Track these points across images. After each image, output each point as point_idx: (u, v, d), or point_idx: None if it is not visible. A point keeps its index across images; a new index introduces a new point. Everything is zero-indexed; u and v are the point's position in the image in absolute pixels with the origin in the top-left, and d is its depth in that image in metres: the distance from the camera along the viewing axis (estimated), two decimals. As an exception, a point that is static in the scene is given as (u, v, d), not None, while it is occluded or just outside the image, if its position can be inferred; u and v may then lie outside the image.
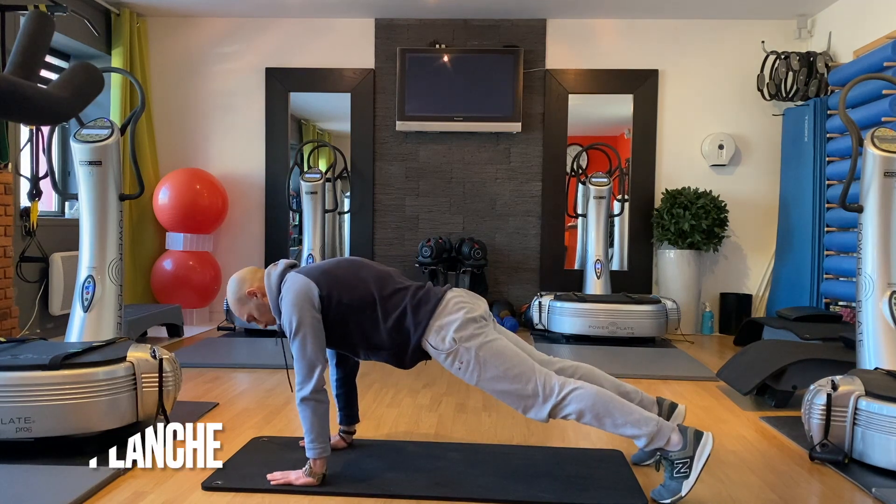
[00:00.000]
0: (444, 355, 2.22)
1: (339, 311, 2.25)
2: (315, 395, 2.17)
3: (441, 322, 2.22)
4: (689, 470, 2.09)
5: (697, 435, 2.11)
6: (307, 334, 2.20)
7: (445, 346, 2.21)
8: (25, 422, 2.37)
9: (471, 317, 2.24)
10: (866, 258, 2.92)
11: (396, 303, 2.27)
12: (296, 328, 2.20)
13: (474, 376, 2.21)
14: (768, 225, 5.72)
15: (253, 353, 4.46)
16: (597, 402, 2.15)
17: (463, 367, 2.21)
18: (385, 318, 2.26)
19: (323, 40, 5.92)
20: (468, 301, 2.31)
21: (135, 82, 3.19)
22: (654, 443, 2.12)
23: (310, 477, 2.20)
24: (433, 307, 2.25)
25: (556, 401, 2.16)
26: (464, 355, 2.20)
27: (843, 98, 3.06)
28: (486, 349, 2.20)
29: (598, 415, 2.14)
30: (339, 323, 2.27)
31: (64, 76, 2.61)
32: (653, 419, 2.15)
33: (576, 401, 2.15)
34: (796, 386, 3.21)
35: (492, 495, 2.18)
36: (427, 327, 2.23)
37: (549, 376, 2.20)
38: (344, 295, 2.25)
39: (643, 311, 4.87)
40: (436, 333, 2.22)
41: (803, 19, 5.59)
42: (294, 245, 6.11)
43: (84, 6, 5.31)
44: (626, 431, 2.14)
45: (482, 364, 2.19)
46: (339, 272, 2.31)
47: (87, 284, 3.01)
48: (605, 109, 6.13)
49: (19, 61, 2.56)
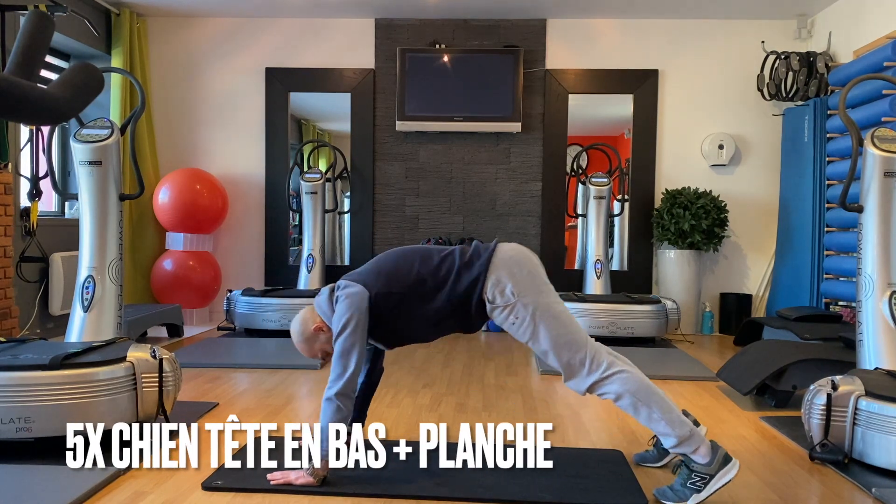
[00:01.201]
0: (499, 309, 2.21)
1: (397, 302, 2.24)
2: (340, 397, 2.16)
3: (498, 275, 2.20)
4: (703, 486, 2.08)
5: (727, 458, 2.11)
6: (352, 338, 2.19)
7: (503, 299, 2.19)
8: (25, 422, 2.37)
9: (531, 270, 2.23)
10: (866, 258, 2.92)
11: (448, 269, 2.25)
12: (341, 328, 2.20)
13: (527, 334, 2.20)
14: (768, 225, 5.72)
15: (253, 353, 4.46)
16: (640, 389, 2.15)
17: (517, 324, 2.20)
18: (441, 287, 2.24)
19: (323, 40, 5.92)
20: (526, 255, 2.29)
21: (135, 82, 3.19)
22: (681, 447, 2.12)
23: (311, 477, 2.20)
24: (486, 259, 2.23)
25: (599, 376, 2.16)
26: (520, 311, 2.19)
27: (843, 98, 3.06)
28: (544, 309, 2.19)
29: (637, 402, 2.14)
30: (400, 314, 2.26)
31: (64, 76, 2.61)
32: (687, 423, 2.14)
33: (619, 382, 2.15)
34: (796, 386, 3.21)
35: (492, 495, 2.18)
36: (485, 280, 2.21)
37: (600, 352, 2.20)
38: (395, 286, 2.24)
39: (643, 311, 4.87)
40: (493, 286, 2.20)
41: (803, 19, 5.59)
42: (294, 245, 6.11)
43: (84, 6, 5.31)
44: (659, 427, 2.14)
45: (537, 324, 2.18)
46: (383, 267, 2.30)
47: (87, 284, 3.00)
48: (605, 109, 6.14)
49: (19, 61, 2.56)
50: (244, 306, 5.08)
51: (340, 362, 2.19)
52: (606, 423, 3.05)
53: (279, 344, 4.71)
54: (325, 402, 2.18)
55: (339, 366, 2.19)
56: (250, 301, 5.07)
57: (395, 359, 4.40)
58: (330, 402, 2.17)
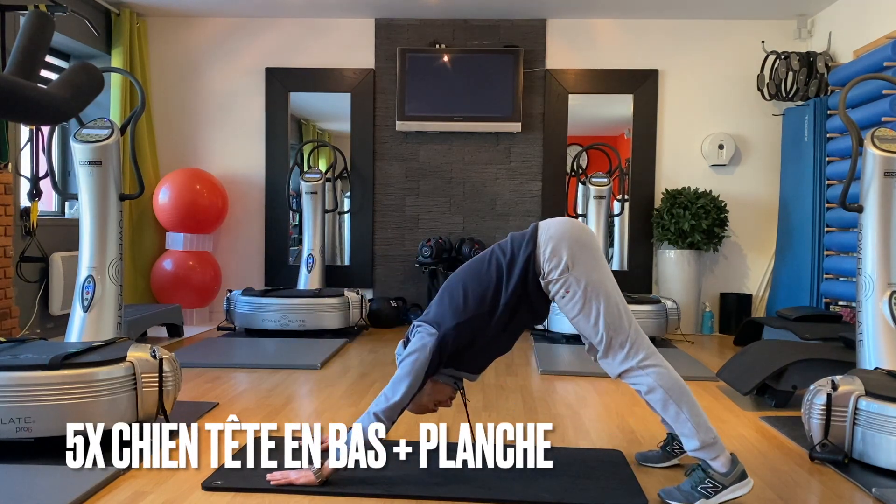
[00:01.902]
0: (553, 283, 2.20)
1: (468, 329, 2.24)
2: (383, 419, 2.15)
3: (553, 247, 2.19)
4: (714, 493, 2.09)
5: (743, 474, 2.11)
6: (410, 367, 2.19)
7: (557, 272, 2.18)
8: (25, 422, 2.37)
9: (586, 243, 2.23)
10: (866, 258, 2.92)
11: (497, 270, 2.25)
12: (406, 356, 2.21)
13: (576, 309, 2.19)
14: (768, 225, 5.72)
15: (253, 353, 4.46)
16: (673, 386, 2.15)
17: (568, 297, 2.19)
18: (499, 293, 2.24)
19: (323, 40, 5.92)
20: (580, 228, 2.29)
21: (135, 82, 3.19)
22: (702, 452, 2.12)
23: (314, 476, 2.19)
24: (530, 239, 2.23)
25: (635, 364, 2.16)
26: (573, 285, 2.18)
27: (843, 98, 3.06)
28: (596, 286, 2.18)
29: (668, 399, 2.14)
30: (477, 338, 2.26)
31: (64, 76, 2.61)
32: (713, 431, 2.15)
33: (654, 375, 2.15)
34: (796, 386, 3.21)
35: (492, 495, 2.18)
36: (535, 258, 2.21)
37: (643, 340, 2.20)
38: (460, 316, 2.24)
39: (643, 311, 4.86)
40: (548, 261, 2.20)
41: (803, 19, 5.59)
42: (294, 245, 6.11)
43: (84, 6, 5.31)
44: (684, 428, 2.14)
45: (587, 300, 2.17)
46: (444, 304, 2.29)
47: (87, 284, 3.01)
48: (605, 109, 6.14)
49: (19, 61, 2.56)
50: (244, 306, 5.08)
51: (392, 387, 2.19)
52: (606, 423, 3.05)
53: (279, 344, 4.71)
54: (367, 415, 2.18)
55: (390, 389, 2.20)
56: (250, 301, 5.07)
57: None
58: (370, 417, 2.16)
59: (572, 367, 4.12)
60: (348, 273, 5.96)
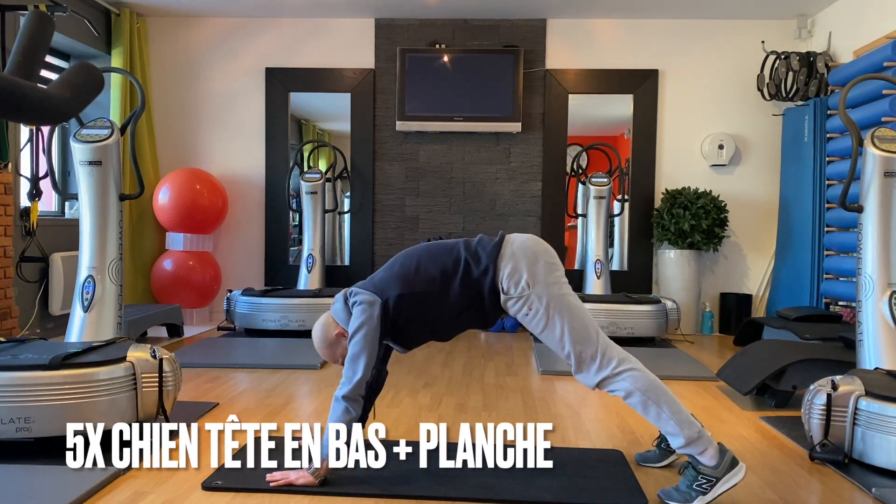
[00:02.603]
0: (514, 300, 2.20)
1: (412, 303, 2.24)
2: (347, 400, 2.17)
3: (514, 264, 2.20)
4: (709, 488, 2.09)
5: (734, 462, 2.11)
6: (362, 344, 2.20)
7: (517, 290, 2.19)
8: (25, 422, 2.37)
9: (547, 261, 2.23)
10: (866, 258, 2.92)
11: (455, 262, 2.25)
12: (353, 333, 2.22)
13: (539, 326, 2.20)
14: (768, 225, 5.72)
15: (253, 353, 4.46)
16: (650, 387, 2.15)
17: (531, 315, 2.20)
18: (451, 282, 2.24)
19: (323, 40, 5.92)
20: (542, 246, 2.28)
21: (135, 82, 3.19)
22: (689, 447, 2.12)
23: (312, 476, 2.19)
24: (494, 249, 2.23)
25: (609, 373, 2.16)
26: (535, 303, 2.18)
27: (843, 98, 3.06)
28: (559, 302, 2.19)
29: (647, 400, 2.14)
30: (417, 315, 2.27)
31: (64, 76, 2.61)
32: (696, 424, 2.15)
33: (630, 380, 2.15)
34: (796, 386, 3.21)
35: (492, 495, 2.18)
36: (495, 270, 2.21)
37: (612, 347, 2.20)
38: (404, 287, 2.25)
39: (643, 311, 4.87)
40: (508, 277, 2.20)
41: (803, 19, 5.59)
42: (294, 245, 6.11)
43: (84, 6, 5.31)
44: (667, 427, 2.14)
45: (551, 316, 2.18)
46: (394, 272, 2.30)
47: (87, 284, 3.01)
48: (605, 109, 6.14)
49: (19, 61, 2.56)
50: (244, 306, 5.08)
51: (351, 366, 2.20)
52: (606, 423, 3.05)
53: (279, 344, 4.71)
54: (334, 401, 2.20)
55: (349, 369, 2.20)
56: (250, 301, 5.07)
57: (396, 359, 4.39)
58: (338, 402, 2.19)
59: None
60: (348, 273, 5.96)
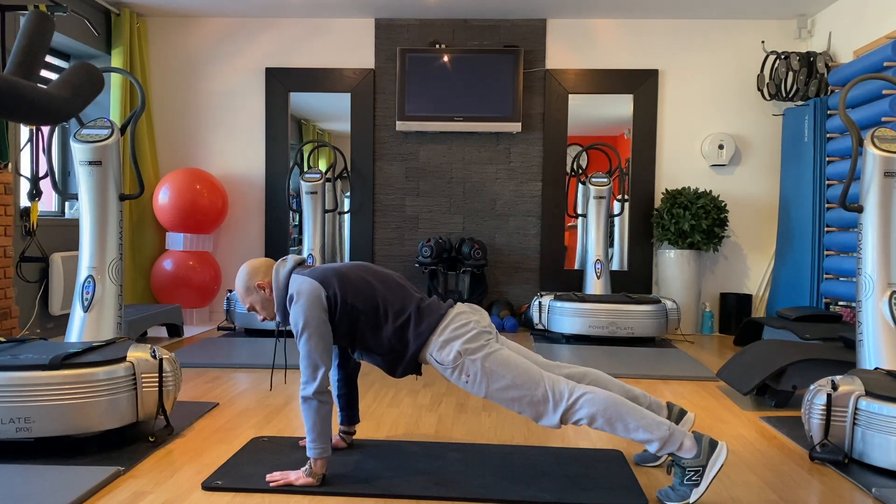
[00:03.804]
0: (449, 369, 2.23)
1: (345, 310, 2.26)
2: (318, 395, 2.18)
3: (446, 336, 2.23)
4: (700, 478, 2.08)
5: (712, 444, 2.11)
6: (313, 335, 2.20)
7: (451, 359, 2.21)
8: (25, 422, 2.37)
9: (478, 330, 2.25)
10: (866, 258, 2.92)
11: (401, 310, 2.28)
12: (302, 328, 2.21)
13: (482, 388, 2.21)
14: (768, 225, 5.73)
15: (253, 353, 4.46)
16: (608, 406, 2.15)
17: (470, 380, 2.22)
18: (387, 324, 2.27)
19: (323, 40, 5.92)
20: (472, 315, 2.31)
21: (135, 82, 3.19)
22: (665, 447, 2.12)
23: (310, 477, 2.20)
24: (436, 321, 2.26)
25: (566, 405, 2.16)
26: (470, 368, 2.21)
27: (843, 98, 3.06)
28: (492, 359, 2.21)
29: (610, 419, 2.14)
30: (344, 321, 2.28)
31: (64, 76, 2.61)
32: (664, 423, 2.14)
33: (587, 405, 2.15)
34: (796, 386, 3.21)
35: (492, 495, 2.18)
36: (427, 341, 2.25)
37: (558, 381, 2.20)
38: (350, 295, 2.26)
39: (643, 311, 4.87)
40: (440, 348, 2.23)
41: (803, 19, 5.59)
42: (294, 245, 6.11)
43: (84, 6, 5.31)
44: (638, 436, 2.14)
45: (489, 375, 2.20)
46: (347, 272, 2.32)
47: (87, 284, 3.01)
48: (605, 109, 6.13)
49: (19, 61, 2.56)
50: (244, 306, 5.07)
51: (307, 363, 2.20)
52: (606, 423, 3.05)
53: (280, 342, 4.71)
54: (302, 404, 2.19)
55: (306, 367, 2.20)
56: (250, 301, 5.06)
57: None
58: (308, 401, 2.18)
59: (572, 367, 4.11)
60: (348, 273, 5.96)
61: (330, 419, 2.21)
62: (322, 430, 2.19)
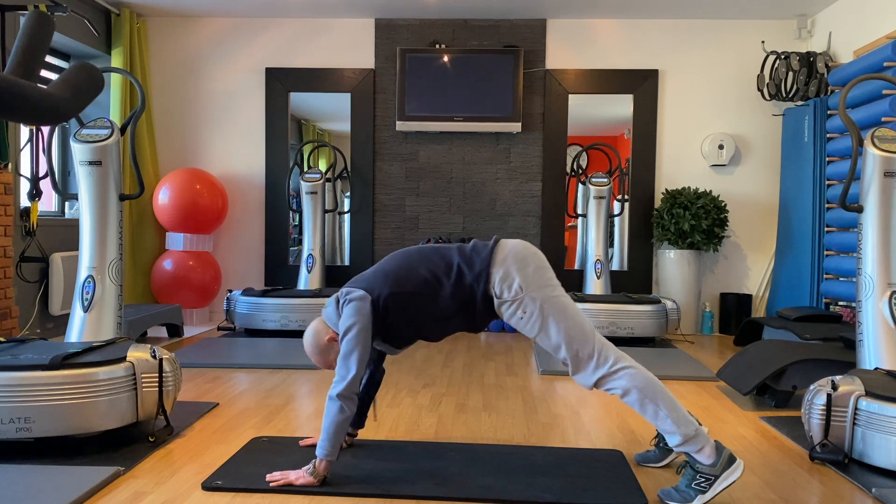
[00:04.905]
0: (507, 304, 2.21)
1: (402, 303, 2.25)
2: (342, 398, 2.16)
3: (506, 269, 2.21)
4: (708, 486, 2.08)
5: (731, 459, 2.11)
6: (354, 342, 2.19)
7: (511, 294, 2.20)
8: (25, 422, 2.37)
9: (538, 265, 2.24)
10: (866, 258, 2.92)
11: (448, 266, 2.26)
12: (344, 332, 2.21)
13: (535, 328, 2.20)
14: (768, 225, 5.73)
15: (253, 353, 4.46)
16: (647, 385, 2.15)
17: (525, 318, 2.20)
18: (442, 286, 2.25)
19: (323, 40, 5.92)
20: (532, 251, 2.29)
21: (135, 82, 3.19)
22: (686, 445, 2.12)
23: (311, 476, 2.20)
24: (488, 255, 2.25)
25: (607, 371, 2.16)
26: (528, 305, 2.19)
27: (843, 98, 3.06)
28: (552, 303, 2.20)
29: (645, 398, 2.14)
30: (406, 315, 2.26)
31: (64, 76, 2.61)
32: (693, 423, 2.15)
33: (627, 378, 2.15)
34: (796, 386, 3.21)
35: (492, 495, 2.18)
36: (489, 276, 2.22)
37: (608, 346, 2.20)
38: (397, 287, 2.25)
39: (643, 311, 4.87)
40: (500, 282, 2.21)
41: (803, 19, 5.60)
42: (294, 245, 6.11)
43: (84, 6, 5.31)
44: (664, 425, 2.14)
45: (545, 317, 2.19)
46: (386, 270, 2.30)
47: (87, 284, 3.01)
48: (605, 109, 6.13)
49: (19, 61, 2.56)
50: (244, 306, 5.09)
51: (344, 365, 2.19)
52: (606, 423, 3.05)
53: (279, 344, 4.71)
54: (328, 402, 2.19)
55: (342, 368, 2.20)
56: (250, 301, 5.08)
57: (395, 358, 4.40)
58: (333, 402, 2.18)
59: (572, 367, 4.11)
60: (348, 273, 5.97)
61: (346, 427, 2.19)
62: (335, 435, 2.18)
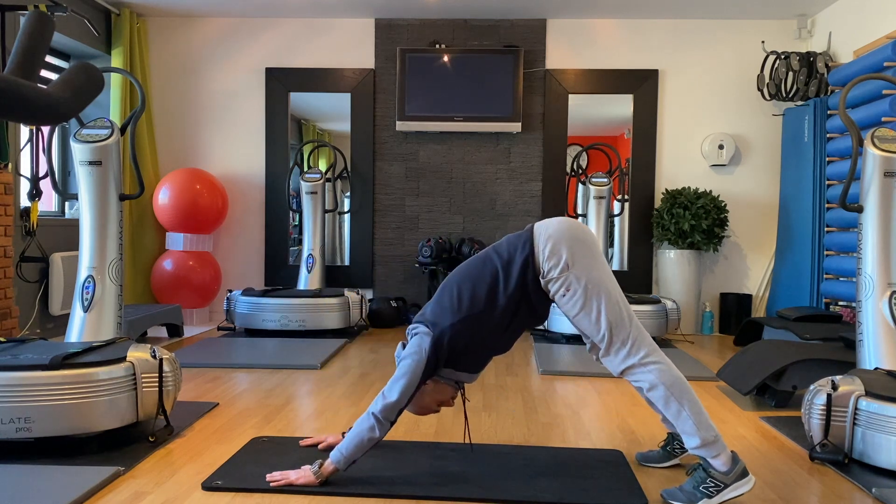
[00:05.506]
0: (553, 281, 2.19)
1: (462, 329, 2.23)
2: (378, 418, 2.15)
3: (551, 246, 2.20)
4: (716, 492, 2.09)
5: (744, 472, 2.11)
6: (408, 369, 2.18)
7: (557, 271, 2.18)
8: (25, 422, 2.37)
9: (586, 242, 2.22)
10: (866, 258, 2.92)
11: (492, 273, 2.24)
12: (405, 357, 2.22)
13: (576, 307, 2.19)
14: (768, 225, 5.73)
15: (253, 353, 4.46)
16: (675, 383, 2.15)
17: (568, 296, 2.19)
18: (495, 295, 2.23)
19: (323, 40, 5.92)
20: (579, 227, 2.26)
21: (135, 82, 3.19)
22: (702, 450, 2.12)
23: (314, 476, 2.19)
24: (528, 237, 2.23)
25: (637, 361, 2.16)
26: (573, 283, 2.18)
27: (843, 98, 3.06)
28: (596, 284, 2.18)
29: (670, 396, 2.14)
30: (471, 338, 2.25)
31: (64, 76, 2.61)
32: (714, 429, 2.15)
33: (656, 373, 2.15)
34: (796, 386, 3.21)
35: (492, 495, 2.17)
36: (534, 256, 2.21)
37: (643, 337, 2.19)
38: (454, 316, 2.23)
39: (643, 311, 4.86)
40: (547, 260, 2.20)
41: (803, 19, 5.60)
42: (294, 245, 6.11)
43: (84, 6, 5.31)
44: (685, 425, 2.14)
45: (588, 298, 2.18)
46: (441, 303, 2.28)
47: (87, 284, 3.01)
48: (605, 109, 6.13)
49: (19, 61, 2.56)
50: (244, 306, 5.09)
51: (391, 386, 2.18)
52: (606, 423, 3.05)
53: (279, 344, 4.71)
54: (366, 414, 2.18)
55: (389, 388, 2.18)
56: (250, 301, 5.08)
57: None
58: (368, 418, 2.16)
59: (572, 367, 4.12)
60: (348, 273, 5.97)
61: (369, 448, 2.18)
62: (356, 450, 2.17)
